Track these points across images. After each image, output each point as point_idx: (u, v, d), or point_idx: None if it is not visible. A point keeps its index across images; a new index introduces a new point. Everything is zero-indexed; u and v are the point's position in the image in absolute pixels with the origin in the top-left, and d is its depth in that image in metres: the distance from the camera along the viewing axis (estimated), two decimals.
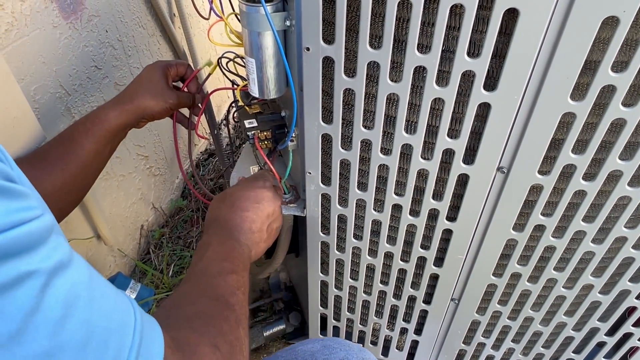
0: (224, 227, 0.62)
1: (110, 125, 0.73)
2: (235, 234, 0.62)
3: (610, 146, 0.55)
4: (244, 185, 0.68)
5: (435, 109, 0.56)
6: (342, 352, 0.63)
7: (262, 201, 0.66)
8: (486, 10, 0.48)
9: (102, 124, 0.72)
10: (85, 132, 0.71)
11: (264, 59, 0.59)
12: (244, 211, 0.64)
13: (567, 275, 0.71)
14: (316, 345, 0.66)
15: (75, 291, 0.32)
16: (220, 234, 0.61)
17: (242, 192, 0.66)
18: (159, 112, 0.77)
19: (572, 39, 0.46)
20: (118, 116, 0.73)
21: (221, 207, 0.64)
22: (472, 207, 0.65)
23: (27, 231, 0.30)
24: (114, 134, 0.74)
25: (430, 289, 0.80)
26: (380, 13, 0.51)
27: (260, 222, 0.65)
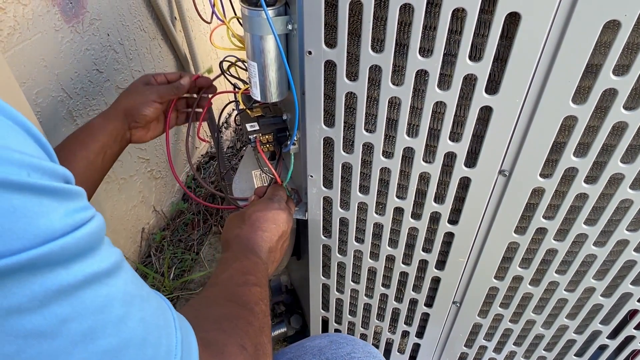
0: (247, 245, 0.64)
1: (97, 133, 0.73)
2: (257, 252, 0.64)
3: (612, 149, 0.55)
4: (264, 207, 0.69)
5: (437, 112, 0.56)
6: (349, 346, 0.65)
7: (278, 222, 0.68)
8: (488, 14, 0.48)
9: (91, 132, 0.73)
10: (75, 140, 0.72)
11: (265, 62, 0.60)
12: (264, 232, 0.66)
13: (569, 278, 0.71)
14: (323, 341, 0.67)
15: (131, 290, 0.33)
16: (244, 251, 0.63)
17: (262, 214, 0.67)
18: (143, 109, 0.75)
19: (573, 42, 0.47)
20: (102, 122, 0.74)
21: (242, 226, 0.66)
22: (473, 210, 0.65)
23: (88, 232, 0.31)
24: (103, 143, 0.73)
25: (432, 292, 0.80)
26: (382, 17, 0.51)
27: (276, 242, 0.68)
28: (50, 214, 0.28)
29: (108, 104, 1.08)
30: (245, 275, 0.57)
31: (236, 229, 0.66)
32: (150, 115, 0.77)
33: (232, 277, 0.56)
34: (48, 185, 0.29)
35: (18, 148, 0.28)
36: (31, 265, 0.27)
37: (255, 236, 0.65)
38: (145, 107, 0.76)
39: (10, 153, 0.27)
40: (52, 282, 0.28)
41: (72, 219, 0.30)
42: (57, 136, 0.94)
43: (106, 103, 1.08)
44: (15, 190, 0.27)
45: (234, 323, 0.47)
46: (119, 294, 0.32)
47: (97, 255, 0.31)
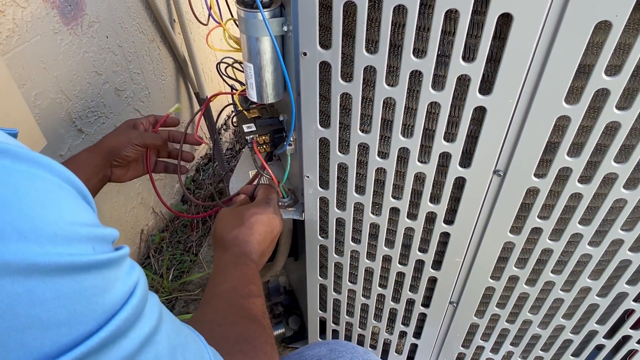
0: (244, 248, 0.64)
1: (82, 167, 0.74)
2: (253, 257, 0.64)
3: (605, 149, 0.55)
4: (262, 210, 0.69)
5: (431, 113, 0.57)
6: (348, 354, 0.65)
7: (272, 228, 0.69)
8: (480, 15, 0.48)
9: (76, 166, 0.74)
10: None
11: (262, 64, 0.60)
12: (260, 236, 0.67)
13: (564, 278, 0.71)
14: (323, 349, 0.67)
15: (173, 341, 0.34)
16: (242, 255, 0.63)
17: (260, 217, 0.68)
18: (125, 149, 0.79)
19: (565, 43, 0.47)
20: (88, 157, 0.76)
21: (240, 228, 0.66)
22: (469, 210, 0.65)
23: (140, 295, 0.31)
24: (86, 176, 0.75)
25: (429, 292, 0.80)
26: (376, 18, 0.51)
27: (267, 247, 0.69)
28: (113, 287, 0.29)
29: (107, 105, 1.09)
30: (248, 285, 0.58)
31: (234, 229, 0.66)
32: (131, 156, 0.80)
33: (235, 288, 0.57)
34: (109, 257, 0.29)
35: (79, 219, 0.28)
36: (101, 346, 0.27)
37: (253, 240, 0.66)
38: (127, 148, 0.79)
39: (77, 229, 0.27)
40: (115, 356, 0.28)
41: (127, 285, 0.30)
42: (56, 138, 0.94)
43: (105, 105, 1.08)
44: (85, 271, 0.27)
45: (252, 344, 0.49)
46: (164, 350, 0.32)
47: (146, 314, 0.31)
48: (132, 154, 0.79)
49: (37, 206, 0.25)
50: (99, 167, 0.77)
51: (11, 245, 0.23)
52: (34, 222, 0.25)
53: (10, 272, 0.23)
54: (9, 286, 0.23)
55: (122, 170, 0.82)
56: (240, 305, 0.54)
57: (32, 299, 0.24)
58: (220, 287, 0.57)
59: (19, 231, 0.24)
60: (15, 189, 0.25)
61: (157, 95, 1.31)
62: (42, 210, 0.25)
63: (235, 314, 0.53)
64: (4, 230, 0.23)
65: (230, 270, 0.60)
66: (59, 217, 0.26)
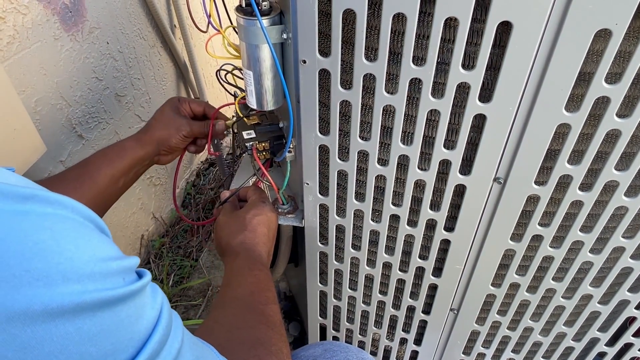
0: (252, 253, 0.65)
1: (126, 155, 0.74)
2: (263, 260, 0.65)
3: (606, 157, 0.55)
4: (260, 210, 0.70)
5: (431, 120, 0.57)
6: (342, 354, 0.66)
7: (271, 227, 0.70)
8: (480, 23, 0.48)
9: (120, 152, 0.74)
10: (103, 157, 0.73)
11: (261, 71, 0.60)
12: (264, 236, 0.68)
13: (565, 285, 0.71)
14: (317, 350, 0.68)
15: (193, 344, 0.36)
16: (253, 260, 0.64)
17: (259, 218, 0.69)
18: (174, 141, 0.78)
19: (565, 51, 0.47)
20: (135, 146, 0.75)
21: (244, 232, 0.67)
22: (469, 218, 0.65)
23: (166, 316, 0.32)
24: (131, 165, 0.75)
25: (429, 299, 0.80)
26: (375, 26, 0.51)
27: (270, 247, 0.70)
28: (144, 313, 0.30)
29: (107, 111, 1.09)
30: (264, 292, 0.59)
31: (239, 235, 0.67)
32: (179, 145, 0.80)
33: (252, 293, 0.58)
34: (138, 286, 0.30)
35: (108, 253, 0.29)
36: None
37: (259, 242, 0.67)
38: (178, 140, 0.79)
39: (109, 264, 0.28)
40: None
41: (155, 309, 0.31)
42: (56, 144, 0.94)
43: (105, 111, 1.08)
44: (121, 303, 0.28)
45: (268, 350, 0.49)
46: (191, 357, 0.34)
47: (172, 332, 0.33)
48: (180, 144, 0.80)
49: (73, 247, 0.27)
50: (147, 157, 0.77)
51: (58, 288, 0.25)
52: (74, 263, 0.26)
53: (60, 314, 0.25)
54: (60, 327, 0.25)
55: (167, 157, 0.82)
56: (260, 311, 0.55)
57: (82, 336, 0.26)
58: (237, 290, 0.58)
59: (63, 274, 0.25)
60: (52, 232, 0.26)
61: (158, 101, 1.31)
62: (77, 250, 0.27)
63: (254, 318, 0.54)
64: (49, 274, 0.25)
65: (244, 275, 0.60)
66: (92, 255, 0.27)
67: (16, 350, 0.23)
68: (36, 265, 0.24)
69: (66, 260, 0.26)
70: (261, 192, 0.75)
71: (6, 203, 0.25)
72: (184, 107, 0.81)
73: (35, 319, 0.24)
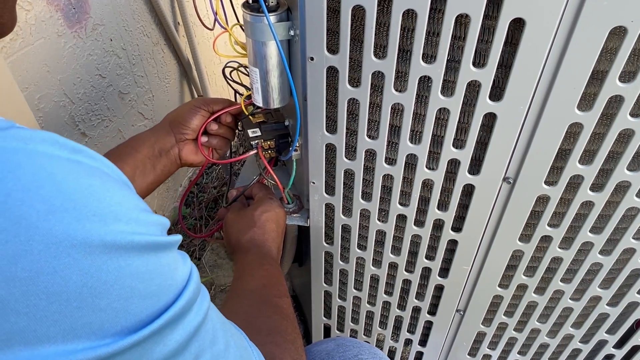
0: (262, 249, 0.65)
1: (137, 145, 0.69)
2: (273, 255, 0.66)
3: (618, 157, 0.54)
4: (268, 207, 0.70)
5: (440, 119, 0.56)
6: (355, 349, 0.67)
7: (279, 222, 0.70)
8: (492, 20, 0.47)
9: (130, 144, 0.70)
10: (114, 153, 0.69)
11: (267, 68, 0.59)
12: (273, 232, 0.68)
13: (574, 286, 0.70)
14: (330, 345, 0.69)
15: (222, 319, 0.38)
16: (264, 256, 0.64)
17: (268, 214, 0.69)
18: (187, 116, 0.70)
19: (579, 49, 0.46)
20: (147, 135, 0.71)
21: (254, 229, 0.67)
22: (477, 218, 0.64)
23: (196, 271, 0.35)
24: (144, 156, 0.69)
25: (435, 299, 0.79)
26: (384, 23, 0.50)
27: (279, 241, 0.70)
28: (179, 266, 0.32)
29: (110, 109, 1.08)
30: (276, 285, 0.60)
31: (248, 232, 0.67)
32: (198, 124, 0.71)
33: (266, 285, 0.59)
34: (174, 239, 0.32)
35: (145, 207, 0.31)
36: (180, 313, 0.31)
37: (268, 239, 0.67)
38: (193, 114, 0.70)
39: (149, 215, 0.31)
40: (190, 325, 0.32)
41: (187, 265, 0.34)
42: None
43: (108, 108, 1.07)
44: (161, 250, 0.31)
45: (284, 338, 0.51)
46: (217, 323, 0.36)
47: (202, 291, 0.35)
48: (197, 121, 0.70)
49: (120, 196, 0.29)
50: (160, 142, 0.70)
51: (111, 225, 0.27)
52: (122, 207, 0.29)
53: (114, 249, 0.27)
54: (114, 260, 0.27)
55: (191, 146, 0.72)
56: (274, 303, 0.56)
57: (132, 272, 0.28)
58: (250, 283, 0.59)
59: (115, 214, 0.28)
60: (102, 181, 0.28)
61: (161, 99, 1.30)
62: (124, 199, 0.29)
63: (269, 309, 0.55)
64: (104, 213, 0.27)
65: (256, 269, 0.61)
66: (136, 205, 0.30)
67: (79, 275, 0.26)
68: (92, 203, 0.27)
69: (116, 204, 0.28)
70: (268, 188, 0.75)
71: (63, 151, 0.28)
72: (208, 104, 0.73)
73: (93, 249, 0.26)
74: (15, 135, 0.26)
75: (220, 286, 1.29)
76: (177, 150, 0.72)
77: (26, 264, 0.24)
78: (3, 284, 0.24)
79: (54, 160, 0.27)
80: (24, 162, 0.25)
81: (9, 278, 0.24)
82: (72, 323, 0.26)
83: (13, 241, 0.24)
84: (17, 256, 0.24)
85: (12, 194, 0.24)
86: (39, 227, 0.25)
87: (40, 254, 0.25)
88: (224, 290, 1.27)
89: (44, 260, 0.25)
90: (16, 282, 0.24)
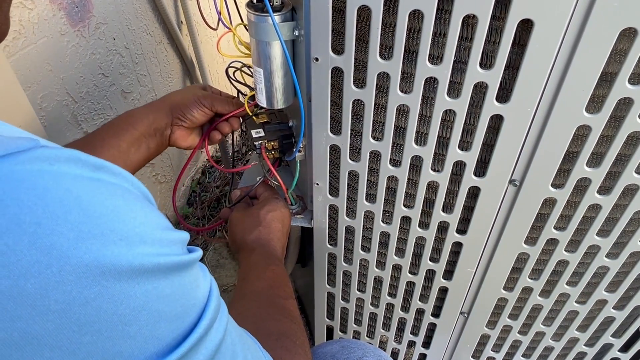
0: (268, 248, 0.65)
1: (134, 121, 0.67)
2: (278, 255, 0.65)
3: (627, 159, 0.53)
4: (274, 206, 0.70)
5: (446, 121, 0.55)
6: (360, 351, 0.66)
7: (284, 221, 0.70)
8: (499, 21, 0.46)
9: (127, 119, 0.68)
10: (109, 126, 0.67)
11: (272, 68, 0.59)
12: (278, 231, 0.68)
13: (580, 289, 0.69)
14: (335, 347, 0.68)
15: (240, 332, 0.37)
16: (270, 256, 0.64)
17: (274, 214, 0.69)
18: (191, 108, 0.70)
19: (588, 50, 0.45)
20: (144, 111, 0.69)
21: (259, 228, 0.67)
22: (483, 220, 0.63)
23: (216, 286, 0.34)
24: (140, 132, 0.68)
25: (439, 302, 0.78)
26: (390, 23, 0.50)
27: (285, 240, 0.69)
28: (199, 283, 0.32)
29: (113, 108, 1.08)
30: (283, 286, 0.60)
31: (254, 230, 0.67)
32: (196, 117, 0.71)
33: (272, 287, 0.58)
34: (194, 257, 0.32)
35: (165, 223, 0.30)
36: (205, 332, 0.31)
37: (274, 238, 0.67)
38: (196, 107, 0.70)
39: (170, 233, 0.30)
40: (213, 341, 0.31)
41: (207, 281, 0.33)
42: (61, 141, 0.93)
43: (111, 107, 1.07)
44: (183, 269, 0.30)
45: (294, 342, 0.50)
46: (236, 337, 0.35)
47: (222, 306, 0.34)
48: (198, 115, 0.71)
49: (142, 215, 0.28)
50: (157, 122, 0.69)
51: (137, 249, 0.27)
52: (146, 228, 0.28)
53: (141, 273, 0.27)
54: (142, 285, 0.27)
55: (183, 132, 0.72)
56: (282, 305, 0.56)
57: (158, 295, 0.28)
58: (256, 284, 0.58)
59: (140, 236, 0.27)
60: (124, 200, 0.28)
61: None
62: (146, 218, 0.28)
63: (278, 312, 0.55)
64: (129, 236, 0.26)
65: (261, 269, 0.60)
66: (157, 223, 0.29)
67: (109, 303, 0.25)
68: (117, 226, 0.26)
69: (140, 225, 0.27)
70: (272, 189, 0.75)
71: (84, 169, 0.27)
72: (214, 89, 0.74)
73: (122, 275, 0.26)
74: (40, 156, 0.25)
75: (222, 286, 1.29)
76: (169, 132, 0.72)
77: (59, 296, 0.24)
78: (37, 318, 0.23)
79: (78, 182, 0.26)
80: (50, 186, 0.25)
81: (42, 312, 0.23)
82: (104, 354, 0.25)
83: (45, 273, 0.23)
84: (49, 288, 0.24)
85: (43, 222, 0.24)
86: (70, 257, 0.24)
87: (72, 285, 0.24)
88: (226, 291, 1.27)
89: (75, 291, 0.24)
90: (49, 316, 0.24)
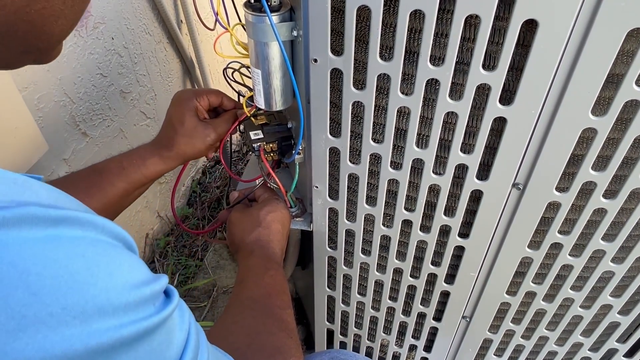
0: (267, 250, 0.64)
1: (148, 171, 0.68)
2: (277, 258, 0.64)
3: (633, 163, 0.52)
4: (274, 207, 0.69)
5: (448, 123, 0.54)
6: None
7: (284, 223, 0.69)
8: (503, 21, 0.45)
9: (139, 167, 0.68)
10: (119, 170, 0.66)
11: (270, 70, 0.57)
12: (278, 233, 0.67)
13: (584, 294, 0.68)
14: (324, 358, 0.67)
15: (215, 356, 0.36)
16: (269, 259, 0.63)
17: (274, 215, 0.68)
18: (202, 152, 0.71)
19: (594, 51, 0.44)
20: (157, 163, 0.69)
21: (259, 229, 0.66)
22: (485, 224, 0.62)
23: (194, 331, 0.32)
24: (150, 180, 0.69)
25: (441, 305, 0.77)
26: (391, 23, 0.49)
27: (284, 242, 0.69)
28: (174, 337, 0.30)
29: (112, 108, 1.07)
30: (281, 295, 0.58)
31: (253, 231, 0.66)
32: (206, 153, 0.73)
33: (270, 295, 0.57)
34: (169, 311, 0.29)
35: (139, 278, 0.28)
36: None
37: (274, 240, 0.66)
38: (205, 149, 0.71)
39: (142, 291, 0.27)
40: None
41: (184, 330, 0.31)
42: (59, 141, 0.92)
43: (110, 107, 1.06)
44: (153, 332, 0.27)
45: (286, 359, 0.49)
46: None
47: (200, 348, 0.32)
48: (206, 151, 0.72)
49: (107, 276, 0.25)
50: (168, 170, 0.70)
51: (96, 324, 0.24)
52: (109, 294, 0.25)
53: (100, 352, 0.24)
54: None
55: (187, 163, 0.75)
56: (279, 317, 0.55)
57: None
58: (254, 290, 0.57)
59: (99, 308, 0.24)
60: (85, 260, 0.24)
61: (164, 98, 1.29)
62: (111, 279, 0.25)
63: (273, 324, 0.54)
64: (85, 310, 0.23)
65: (260, 274, 0.59)
66: (125, 282, 0.26)
67: None
68: (72, 300, 0.23)
69: (101, 292, 0.24)
70: (272, 190, 0.74)
71: (38, 229, 0.23)
72: (202, 103, 0.71)
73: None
74: None
75: (222, 287, 1.28)
76: None
77: None
78: None
79: (27, 249, 0.22)
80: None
81: None
82: None
83: None
84: None
85: None
86: (8, 353, 0.21)
87: None
88: (226, 292, 1.26)
89: None
90: None
